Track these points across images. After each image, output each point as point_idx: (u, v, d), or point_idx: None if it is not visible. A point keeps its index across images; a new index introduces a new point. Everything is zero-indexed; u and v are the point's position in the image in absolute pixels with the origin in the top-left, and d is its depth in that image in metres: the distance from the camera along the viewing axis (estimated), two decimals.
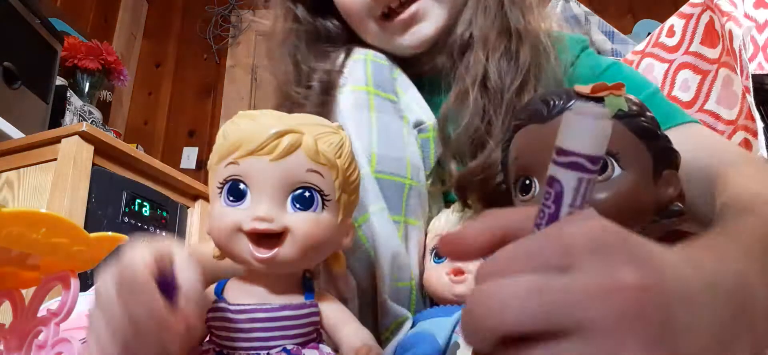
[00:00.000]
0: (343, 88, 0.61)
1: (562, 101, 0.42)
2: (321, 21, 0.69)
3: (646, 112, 0.43)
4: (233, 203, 0.42)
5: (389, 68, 0.63)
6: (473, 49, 0.61)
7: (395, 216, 0.56)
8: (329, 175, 0.43)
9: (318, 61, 0.65)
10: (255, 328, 0.42)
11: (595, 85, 0.42)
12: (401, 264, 0.55)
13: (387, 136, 0.58)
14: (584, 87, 0.42)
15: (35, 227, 0.41)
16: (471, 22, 0.62)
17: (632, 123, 0.42)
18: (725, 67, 0.95)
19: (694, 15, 1.04)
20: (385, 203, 0.56)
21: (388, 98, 0.61)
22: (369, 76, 0.61)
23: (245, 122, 0.43)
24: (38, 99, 1.53)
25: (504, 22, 0.61)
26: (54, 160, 1.25)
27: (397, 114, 0.61)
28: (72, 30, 2.15)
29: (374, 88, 0.61)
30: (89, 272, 0.87)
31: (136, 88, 2.83)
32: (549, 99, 0.43)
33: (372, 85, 0.61)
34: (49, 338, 0.44)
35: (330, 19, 0.69)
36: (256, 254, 0.41)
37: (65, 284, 0.45)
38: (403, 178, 0.57)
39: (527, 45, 0.59)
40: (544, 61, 0.60)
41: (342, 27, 0.69)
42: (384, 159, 0.57)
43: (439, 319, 0.52)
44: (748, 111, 0.89)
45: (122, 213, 1.35)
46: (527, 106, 0.45)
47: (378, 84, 0.61)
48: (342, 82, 0.62)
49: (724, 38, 0.95)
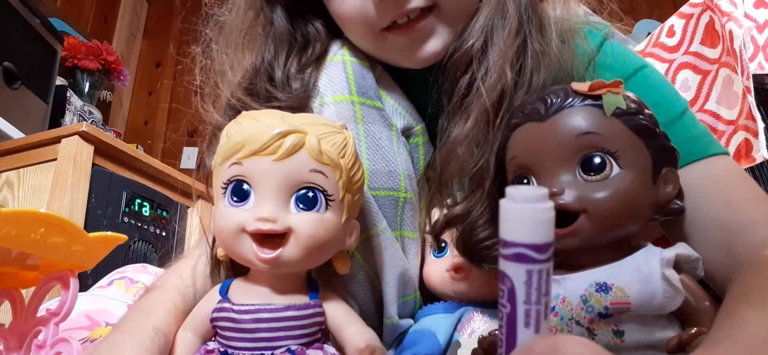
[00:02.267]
0: (324, 98, 0.56)
1: (560, 99, 0.42)
2: (301, 27, 0.61)
3: (645, 110, 0.43)
4: (237, 203, 0.42)
5: (370, 68, 0.59)
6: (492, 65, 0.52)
7: (393, 232, 0.54)
8: (333, 175, 0.43)
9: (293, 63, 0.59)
10: (259, 328, 0.42)
11: (592, 83, 0.42)
12: (407, 280, 0.55)
13: (377, 150, 0.55)
14: (582, 85, 0.42)
15: (34, 227, 0.41)
16: (485, 31, 0.54)
17: (631, 121, 0.41)
18: (725, 67, 0.95)
19: (694, 15, 1.04)
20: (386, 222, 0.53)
21: (374, 106, 0.57)
22: (352, 83, 0.57)
23: (248, 122, 0.43)
24: (38, 99, 1.52)
25: (524, 37, 0.53)
26: (54, 160, 1.25)
27: (384, 122, 0.57)
28: (72, 30, 2.15)
29: (359, 95, 0.57)
30: (88, 272, 0.86)
31: (136, 88, 2.83)
32: (547, 97, 0.43)
33: (356, 93, 0.57)
34: (49, 338, 0.44)
35: (310, 22, 0.62)
36: (259, 255, 0.41)
37: (64, 284, 0.45)
38: (397, 191, 0.55)
39: (546, 61, 0.52)
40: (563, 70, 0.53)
41: (324, 27, 0.62)
42: (377, 174, 0.54)
43: (440, 316, 0.52)
44: (748, 111, 0.89)
45: (122, 213, 1.35)
46: (524, 105, 0.45)
47: (362, 91, 0.57)
48: (322, 89, 0.57)
49: (725, 38, 0.95)
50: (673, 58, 1.06)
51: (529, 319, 0.26)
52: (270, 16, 0.61)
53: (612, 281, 0.40)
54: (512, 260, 0.25)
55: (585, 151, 0.41)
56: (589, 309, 0.40)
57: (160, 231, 1.47)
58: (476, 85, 0.51)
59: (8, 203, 1.26)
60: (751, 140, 0.88)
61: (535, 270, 0.25)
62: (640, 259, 0.40)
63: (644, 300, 0.39)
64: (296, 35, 0.61)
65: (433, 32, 0.55)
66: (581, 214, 0.40)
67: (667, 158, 0.43)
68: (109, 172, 1.34)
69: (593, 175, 0.40)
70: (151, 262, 1.31)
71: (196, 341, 0.45)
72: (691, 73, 1.02)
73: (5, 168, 1.31)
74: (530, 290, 0.25)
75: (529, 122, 0.44)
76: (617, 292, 0.39)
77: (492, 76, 0.51)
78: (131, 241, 1.36)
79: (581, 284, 0.41)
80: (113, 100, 2.47)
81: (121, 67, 2.05)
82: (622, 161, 0.40)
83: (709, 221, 0.47)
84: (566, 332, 0.41)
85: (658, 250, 0.41)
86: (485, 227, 0.48)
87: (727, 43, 0.94)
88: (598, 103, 0.41)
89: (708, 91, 0.98)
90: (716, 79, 0.97)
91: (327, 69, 0.59)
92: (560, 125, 0.42)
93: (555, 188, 0.40)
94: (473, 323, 0.51)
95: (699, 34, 1.02)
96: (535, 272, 0.25)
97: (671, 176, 0.43)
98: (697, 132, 0.53)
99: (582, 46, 0.55)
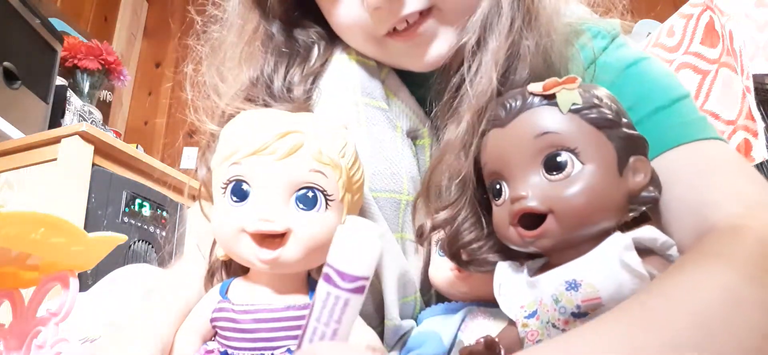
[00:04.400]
0: (327, 98, 0.56)
1: (519, 102, 0.42)
2: (299, 35, 0.60)
3: (605, 102, 0.42)
4: (237, 203, 0.42)
5: (377, 69, 0.59)
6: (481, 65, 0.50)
7: (394, 234, 0.54)
8: (333, 175, 0.43)
9: (295, 73, 0.58)
10: (259, 328, 0.42)
11: (546, 82, 0.41)
12: (407, 282, 0.55)
13: (381, 151, 0.54)
14: (536, 85, 0.42)
15: (34, 228, 0.41)
16: (481, 28, 0.52)
17: (589, 115, 0.41)
18: (725, 67, 0.95)
19: (694, 15, 1.04)
20: (387, 224, 0.53)
21: (378, 107, 0.57)
22: (356, 83, 0.56)
23: (248, 122, 0.43)
24: (38, 99, 1.52)
25: (518, 36, 0.51)
26: (54, 160, 1.25)
27: (389, 124, 0.57)
28: (72, 30, 2.15)
29: (363, 96, 0.56)
30: (88, 272, 0.86)
31: (136, 88, 2.83)
32: (506, 102, 0.43)
33: (360, 93, 0.56)
34: (49, 338, 0.44)
35: (308, 28, 0.61)
36: (259, 255, 0.41)
37: (64, 284, 0.45)
38: (399, 194, 0.55)
39: (535, 58, 0.50)
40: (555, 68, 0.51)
41: (324, 30, 0.61)
42: (378, 176, 0.54)
43: (445, 317, 0.52)
44: (748, 111, 0.89)
45: (122, 213, 1.35)
46: (490, 112, 0.45)
47: (367, 91, 0.56)
48: (325, 89, 0.57)
49: (724, 38, 0.95)
50: (673, 58, 1.06)
51: (314, 336, 0.27)
52: (269, 30, 0.60)
53: (581, 276, 0.39)
54: (322, 277, 0.26)
55: (546, 152, 0.40)
56: (561, 310, 0.39)
57: (160, 231, 1.47)
58: (464, 88, 0.50)
59: (8, 203, 1.26)
60: (750, 140, 0.88)
61: (333, 294, 0.25)
62: (604, 249, 0.39)
63: (614, 292, 0.37)
64: (297, 47, 0.60)
65: (435, 35, 0.54)
66: (548, 215, 0.39)
67: (633, 147, 0.42)
68: (109, 172, 1.34)
69: (556, 175, 0.40)
70: (151, 262, 1.31)
71: (196, 341, 0.45)
72: (691, 73, 1.02)
73: (5, 168, 1.31)
74: (324, 310, 0.26)
75: (493, 129, 0.44)
76: (587, 288, 0.38)
77: (481, 78, 0.49)
78: (131, 241, 1.36)
79: (552, 284, 0.40)
80: (113, 100, 2.47)
81: (121, 67, 2.05)
82: (583, 157, 0.40)
83: (683, 205, 0.45)
84: (546, 337, 0.41)
85: (621, 236, 0.39)
86: (470, 231, 0.48)
87: (727, 43, 0.94)
88: (555, 102, 0.41)
89: (708, 91, 0.98)
90: (716, 79, 0.97)
91: (331, 69, 0.58)
92: (520, 129, 0.42)
93: (523, 191, 0.40)
94: (477, 323, 0.51)
95: (699, 34, 1.03)
96: (333, 296, 0.25)
97: (640, 165, 0.42)
98: (690, 119, 0.50)
99: (587, 47, 0.54)
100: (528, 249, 0.42)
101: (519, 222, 0.41)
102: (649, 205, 0.43)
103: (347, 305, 0.26)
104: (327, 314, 0.26)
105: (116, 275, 0.79)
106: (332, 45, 0.61)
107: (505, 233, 0.42)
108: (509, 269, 0.45)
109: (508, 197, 0.42)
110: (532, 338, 0.42)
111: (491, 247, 0.47)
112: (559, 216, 0.39)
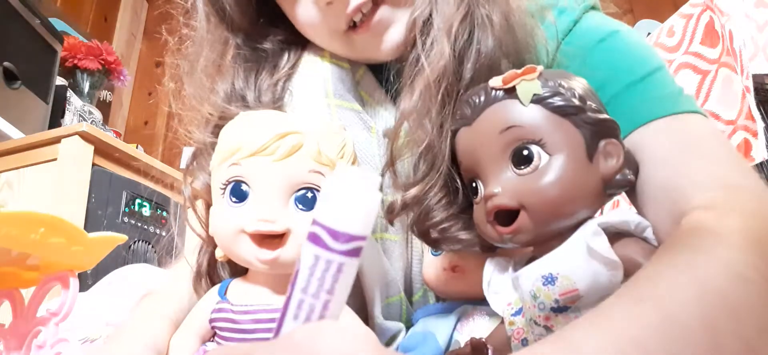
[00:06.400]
0: (299, 101, 0.56)
1: (482, 99, 0.42)
2: (267, 43, 0.61)
3: (567, 87, 0.40)
4: (236, 204, 0.42)
5: (351, 70, 0.58)
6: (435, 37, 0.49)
7: (373, 235, 0.53)
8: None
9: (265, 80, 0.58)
10: (258, 329, 0.42)
11: (505, 75, 0.41)
12: (389, 282, 0.54)
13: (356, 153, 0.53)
14: (496, 79, 0.41)
15: (34, 228, 0.41)
16: (430, 2, 0.51)
17: (551, 104, 0.40)
18: (725, 67, 0.95)
19: (694, 15, 1.04)
20: None
21: (351, 108, 0.56)
22: (328, 85, 0.56)
23: (247, 123, 0.43)
24: (38, 99, 1.52)
25: (474, 4, 0.50)
26: (54, 160, 1.25)
27: (363, 125, 0.56)
28: (72, 30, 2.15)
29: (335, 98, 0.56)
30: (88, 272, 0.86)
31: (136, 88, 2.83)
32: (470, 99, 0.43)
33: (332, 95, 0.56)
34: (49, 338, 0.44)
35: (273, 36, 0.61)
36: (259, 255, 0.41)
37: (64, 284, 0.45)
38: None
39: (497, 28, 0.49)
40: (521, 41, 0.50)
41: (291, 35, 0.61)
42: None
43: (440, 317, 0.52)
44: (748, 111, 0.89)
45: (122, 213, 1.35)
46: (456, 110, 0.45)
47: (338, 93, 0.56)
48: (295, 92, 0.56)
49: (724, 38, 0.95)
50: (673, 58, 1.06)
51: (300, 311, 0.22)
52: (237, 43, 0.61)
53: (557, 269, 0.38)
54: (308, 239, 0.22)
55: (512, 146, 0.40)
56: (541, 306, 0.38)
57: (160, 231, 1.47)
58: (420, 59, 0.49)
59: (8, 203, 1.26)
60: (750, 140, 0.88)
61: (323, 258, 0.21)
62: (575, 238, 0.38)
63: (590, 282, 0.36)
64: (266, 55, 0.60)
65: (391, 20, 0.54)
66: (521, 210, 0.39)
67: (603, 131, 0.40)
68: (109, 173, 1.34)
69: (524, 169, 0.39)
70: (151, 262, 1.31)
71: (194, 342, 0.45)
72: (691, 73, 1.02)
73: (5, 168, 1.31)
74: (312, 277, 0.21)
75: (462, 127, 0.44)
76: (563, 281, 0.37)
77: (435, 48, 0.48)
78: (131, 241, 1.36)
79: (530, 279, 0.39)
80: (113, 101, 2.47)
81: (121, 67, 2.05)
82: (549, 148, 0.39)
83: (658, 186, 0.43)
84: (530, 334, 0.40)
85: (588, 223, 0.39)
86: (441, 210, 0.47)
87: (727, 43, 0.94)
88: (517, 94, 0.40)
89: (708, 91, 0.98)
90: (716, 79, 0.97)
91: (300, 71, 0.59)
92: (485, 125, 0.41)
93: (495, 188, 0.40)
94: (472, 322, 0.51)
95: (699, 34, 1.03)
96: (323, 260, 0.21)
97: (612, 148, 0.40)
98: (666, 92, 0.48)
99: (552, 27, 0.52)
100: (507, 245, 0.41)
101: (495, 219, 0.40)
102: (625, 188, 0.42)
103: (341, 272, 0.21)
104: (316, 283, 0.21)
105: (116, 275, 0.79)
106: (303, 48, 0.61)
107: (485, 230, 0.42)
108: (497, 264, 0.45)
109: (482, 196, 0.42)
110: (517, 337, 0.41)
111: (462, 225, 0.46)
112: (530, 211, 0.39)
